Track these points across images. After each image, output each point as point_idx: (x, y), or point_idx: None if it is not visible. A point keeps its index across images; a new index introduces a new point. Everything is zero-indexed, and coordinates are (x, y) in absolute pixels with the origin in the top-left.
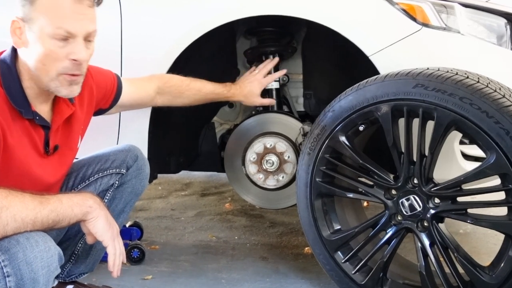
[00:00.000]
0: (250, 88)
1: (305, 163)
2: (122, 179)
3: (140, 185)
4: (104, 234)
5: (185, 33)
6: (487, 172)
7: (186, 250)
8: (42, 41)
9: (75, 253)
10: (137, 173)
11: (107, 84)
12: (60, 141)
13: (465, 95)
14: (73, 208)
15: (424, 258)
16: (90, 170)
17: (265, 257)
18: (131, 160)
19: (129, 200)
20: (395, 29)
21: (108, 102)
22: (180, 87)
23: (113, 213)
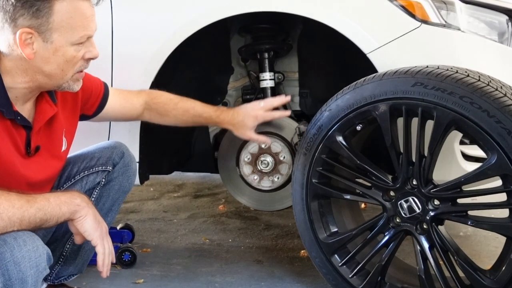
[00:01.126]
0: (242, 118)
1: (301, 164)
2: (109, 177)
3: (128, 183)
4: (93, 233)
5: (177, 30)
6: (488, 173)
7: (179, 253)
8: (64, 50)
9: (63, 254)
10: (124, 170)
11: (92, 89)
12: (41, 142)
13: (465, 94)
14: (61, 206)
15: (424, 262)
16: (76, 169)
17: (260, 261)
18: (117, 157)
19: (117, 198)
20: (394, 26)
21: (93, 108)
22: (167, 105)
23: (101, 212)
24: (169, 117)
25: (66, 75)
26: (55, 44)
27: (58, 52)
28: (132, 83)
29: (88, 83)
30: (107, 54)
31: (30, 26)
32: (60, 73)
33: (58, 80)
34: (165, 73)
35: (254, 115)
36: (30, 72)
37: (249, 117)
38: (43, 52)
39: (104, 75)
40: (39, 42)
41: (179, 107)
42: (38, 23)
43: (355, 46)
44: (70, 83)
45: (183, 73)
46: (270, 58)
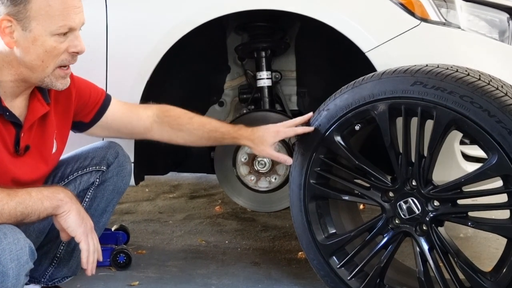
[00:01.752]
0: (262, 133)
1: (298, 164)
2: (103, 177)
3: (122, 183)
4: (76, 229)
5: (172, 29)
6: (488, 173)
7: (175, 255)
8: (43, 39)
9: (57, 256)
10: (118, 170)
11: (90, 95)
12: (32, 142)
13: (465, 93)
14: (43, 201)
15: (423, 264)
16: (69, 169)
17: (257, 262)
18: (112, 157)
19: (111, 199)
20: (393, 24)
21: (90, 115)
22: (180, 118)
23: (96, 213)
24: (183, 132)
25: (47, 67)
26: (34, 33)
27: (37, 41)
28: (126, 82)
29: (87, 90)
30: (102, 53)
31: (9, 14)
32: (41, 64)
33: (39, 73)
34: (160, 72)
35: (275, 130)
36: (15, 64)
37: (269, 133)
38: (23, 42)
39: (99, 74)
40: (19, 30)
41: (194, 121)
42: (15, 10)
43: (354, 44)
44: (52, 78)
45: (179, 72)
46: (267, 56)
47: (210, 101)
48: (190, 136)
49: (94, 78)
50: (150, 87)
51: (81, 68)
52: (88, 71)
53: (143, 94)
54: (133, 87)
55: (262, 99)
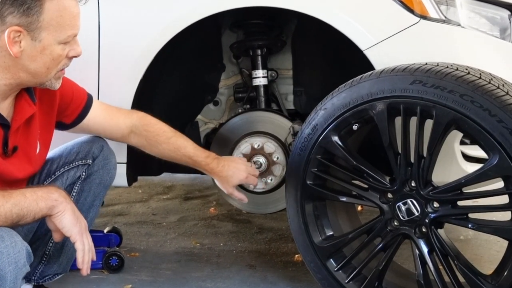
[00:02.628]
0: (232, 174)
1: (295, 165)
2: (89, 170)
3: (108, 176)
4: (72, 229)
5: (166, 26)
6: (489, 174)
7: (168, 257)
8: (52, 48)
9: (46, 253)
10: (104, 163)
11: (73, 97)
12: (19, 142)
13: (466, 92)
14: (38, 201)
15: (422, 266)
16: (55, 165)
17: (252, 265)
18: (97, 150)
19: (98, 193)
20: (391, 22)
21: (72, 117)
22: (159, 136)
23: (83, 207)
24: (157, 149)
25: (50, 73)
26: (44, 42)
27: (45, 50)
28: (119, 81)
29: (69, 90)
30: (94, 51)
31: (20, 24)
32: (45, 71)
33: (42, 78)
34: (154, 71)
35: (244, 175)
36: (13, 69)
37: (238, 175)
38: (31, 51)
39: (91, 73)
40: (27, 40)
41: (171, 142)
42: (28, 21)
43: (352, 42)
44: (53, 81)
45: (173, 70)
46: (263, 55)
47: (204, 100)
48: (163, 155)
49: (86, 77)
50: (143, 86)
51: (72, 66)
52: (80, 69)
53: (136, 93)
54: (125, 86)
55: (257, 98)
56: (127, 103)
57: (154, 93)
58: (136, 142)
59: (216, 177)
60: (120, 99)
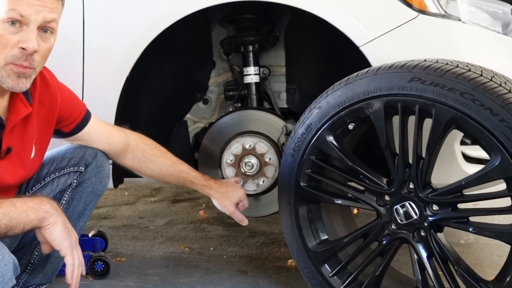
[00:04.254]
0: (231, 190)
1: (288, 166)
2: (81, 178)
3: (101, 185)
4: (62, 243)
5: (154, 21)
6: (491, 175)
7: (156, 262)
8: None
9: (31, 262)
10: (96, 171)
11: (75, 106)
12: (14, 144)
13: (466, 90)
14: (28, 213)
15: (421, 272)
16: (46, 170)
17: (243, 271)
18: (90, 157)
19: (89, 201)
20: (389, 17)
21: (71, 126)
22: (156, 149)
23: (72, 216)
24: (154, 164)
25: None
26: None
27: None
28: (105, 78)
29: (71, 100)
30: (78, 47)
31: None
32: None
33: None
34: (141, 68)
35: (242, 193)
36: None
37: (236, 193)
38: None
39: (74, 70)
40: None
41: (168, 157)
42: None
43: (347, 38)
44: (3, 73)
45: (161, 67)
46: (255, 51)
47: (193, 99)
48: (160, 170)
49: (69, 74)
50: (130, 83)
51: (56, 63)
52: (63, 66)
53: (122, 91)
54: (111, 83)
55: (249, 96)
56: (113, 102)
57: (141, 91)
58: (131, 159)
59: (215, 194)
60: (106, 98)
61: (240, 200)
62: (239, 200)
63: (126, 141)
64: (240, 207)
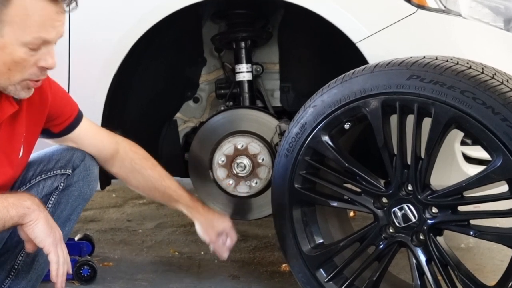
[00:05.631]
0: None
1: (282, 167)
2: (68, 181)
3: (89, 189)
4: (45, 239)
5: (142, 16)
6: (492, 177)
7: (145, 267)
8: (13, 48)
9: (15, 267)
10: (84, 174)
11: (66, 106)
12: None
13: (467, 88)
14: (9, 209)
15: (420, 277)
16: (31, 172)
17: (235, 276)
18: (78, 160)
19: (76, 206)
20: (386, 12)
21: (61, 126)
22: (145, 160)
23: (58, 220)
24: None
25: (14, 77)
26: (5, 39)
27: (6, 49)
28: (91, 75)
29: (63, 99)
30: (64, 43)
31: None
32: (6, 72)
33: (4, 80)
34: (129, 65)
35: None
36: None
37: (222, 222)
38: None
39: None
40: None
41: (157, 170)
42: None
43: (343, 34)
44: (18, 88)
45: (150, 64)
46: (247, 47)
47: (183, 97)
48: (146, 183)
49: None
50: (117, 81)
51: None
52: None
53: (109, 88)
54: (98, 81)
55: (241, 94)
56: (100, 100)
57: (129, 89)
58: (118, 167)
59: (199, 218)
60: (93, 96)
61: (224, 231)
62: (223, 230)
63: (115, 148)
64: (228, 244)
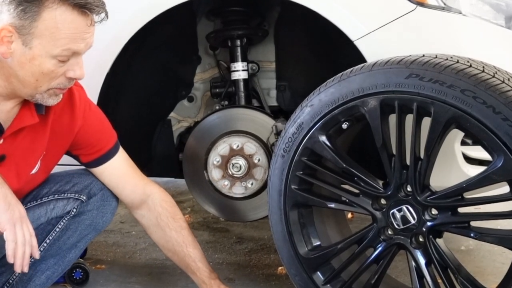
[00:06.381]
0: None
1: (278, 168)
2: (81, 208)
3: (102, 220)
4: (0, 216)
5: (135, 14)
6: (493, 178)
7: (138, 270)
8: (42, 60)
9: (9, 282)
10: (100, 205)
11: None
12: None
13: (467, 87)
14: None
15: (419, 280)
16: (46, 190)
17: (231, 279)
18: (96, 188)
19: (86, 235)
20: (385, 9)
21: (89, 157)
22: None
23: (63, 246)
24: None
25: (41, 87)
26: (34, 51)
27: (35, 60)
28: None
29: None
30: None
31: (13, 25)
32: (34, 83)
33: (31, 90)
34: (122, 63)
35: None
36: (5, 72)
37: None
38: (20, 56)
39: None
40: (19, 43)
41: (183, 234)
42: (20, 24)
43: (341, 32)
44: (45, 96)
45: (143, 63)
46: (243, 45)
47: (178, 96)
48: (166, 243)
49: None
50: (110, 80)
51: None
52: None
53: (102, 88)
54: (90, 80)
55: (237, 93)
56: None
57: (122, 88)
58: (143, 216)
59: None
60: None
61: None
62: None
63: (143, 198)
64: None
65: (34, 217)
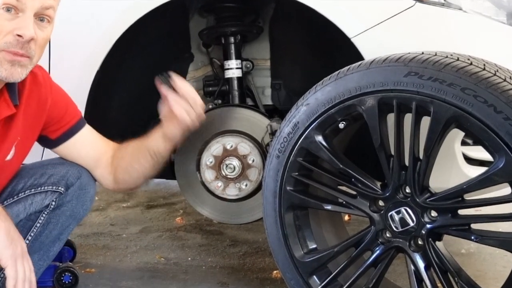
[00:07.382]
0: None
1: (273, 168)
2: (60, 200)
3: (82, 209)
4: (3, 252)
5: (126, 10)
6: (494, 179)
7: (129, 274)
8: None
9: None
10: (79, 194)
11: (66, 111)
12: None
13: (468, 86)
14: None
15: (418, 284)
16: (21, 185)
17: (224, 283)
18: (73, 178)
19: (67, 226)
20: (383, 5)
21: (58, 132)
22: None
23: (46, 240)
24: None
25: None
26: None
27: None
28: (73, 72)
29: (63, 102)
30: None
31: None
32: None
33: None
34: (112, 61)
35: None
36: None
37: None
38: None
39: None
40: None
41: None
42: None
43: (338, 29)
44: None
45: (134, 60)
46: (237, 43)
47: None
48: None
49: None
50: (100, 78)
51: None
52: None
53: (92, 87)
54: (80, 77)
55: (230, 92)
56: (82, 99)
57: (113, 86)
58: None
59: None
60: (74, 93)
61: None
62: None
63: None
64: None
65: (13, 215)
